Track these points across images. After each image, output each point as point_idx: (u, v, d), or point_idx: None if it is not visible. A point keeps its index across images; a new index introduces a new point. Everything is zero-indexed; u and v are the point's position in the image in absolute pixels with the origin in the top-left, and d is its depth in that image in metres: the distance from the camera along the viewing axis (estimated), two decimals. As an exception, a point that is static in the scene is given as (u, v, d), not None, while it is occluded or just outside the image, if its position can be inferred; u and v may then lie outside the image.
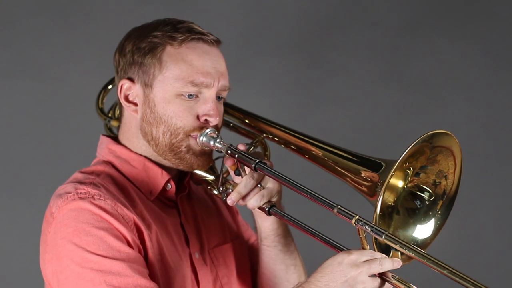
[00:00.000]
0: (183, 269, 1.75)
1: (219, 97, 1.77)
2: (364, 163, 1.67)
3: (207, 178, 1.85)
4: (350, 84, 3.60)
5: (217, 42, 1.79)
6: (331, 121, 3.55)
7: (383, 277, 1.55)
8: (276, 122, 1.90)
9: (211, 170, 1.86)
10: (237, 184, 1.74)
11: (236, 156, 1.71)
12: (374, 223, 1.55)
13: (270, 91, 3.54)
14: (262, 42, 3.54)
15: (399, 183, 1.66)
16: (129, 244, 1.63)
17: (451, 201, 1.67)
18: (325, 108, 3.58)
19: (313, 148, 1.80)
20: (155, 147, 1.76)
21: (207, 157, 1.78)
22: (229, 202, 1.73)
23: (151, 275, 1.66)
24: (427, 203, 1.67)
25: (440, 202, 1.67)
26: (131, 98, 1.78)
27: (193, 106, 1.73)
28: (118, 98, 1.79)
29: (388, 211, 1.66)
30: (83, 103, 2.43)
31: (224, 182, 1.81)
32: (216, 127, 1.76)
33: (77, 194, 1.65)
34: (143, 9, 3.33)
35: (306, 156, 1.82)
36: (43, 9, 3.30)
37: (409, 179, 1.66)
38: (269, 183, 1.73)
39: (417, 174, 1.66)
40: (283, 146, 1.88)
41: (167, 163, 1.78)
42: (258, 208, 1.73)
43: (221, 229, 1.91)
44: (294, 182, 1.64)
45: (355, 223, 1.55)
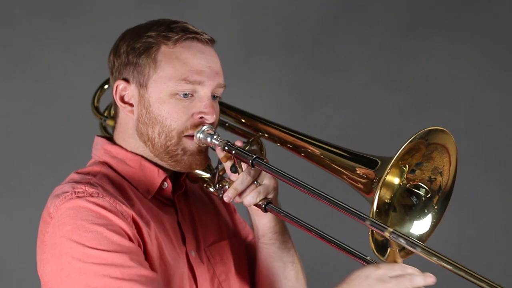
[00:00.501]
0: (181, 267, 1.75)
1: (214, 96, 1.77)
2: (360, 160, 1.67)
3: (203, 176, 1.86)
4: (350, 84, 3.59)
5: (211, 41, 1.79)
6: (331, 121, 3.55)
7: None
8: (272, 121, 1.90)
9: (207, 168, 1.86)
10: (233, 181, 1.73)
11: (234, 152, 1.70)
12: (372, 216, 1.53)
13: (269, 91, 3.54)
14: (261, 42, 3.54)
15: (395, 180, 1.66)
16: (129, 238, 1.63)
17: (447, 196, 1.67)
18: (325, 108, 3.58)
19: (309, 146, 1.79)
20: (151, 147, 1.76)
21: (204, 155, 1.77)
22: (225, 198, 1.73)
23: (151, 269, 1.66)
24: (423, 199, 1.67)
25: (436, 197, 1.67)
26: (126, 99, 1.78)
27: (188, 105, 1.73)
28: (114, 98, 1.79)
29: (385, 208, 1.66)
30: (82, 103, 2.43)
31: (220, 179, 1.81)
32: (213, 125, 1.75)
33: (74, 193, 1.65)
34: (142, 9, 3.34)
35: (302, 154, 1.81)
36: (43, 9, 3.31)
37: (405, 176, 1.66)
38: (266, 180, 1.73)
39: (412, 171, 1.66)
40: (279, 144, 1.88)
41: (164, 164, 1.78)
42: (254, 205, 1.72)
43: (218, 227, 1.91)
44: (292, 177, 1.63)
45: (390, 235, 1.50)
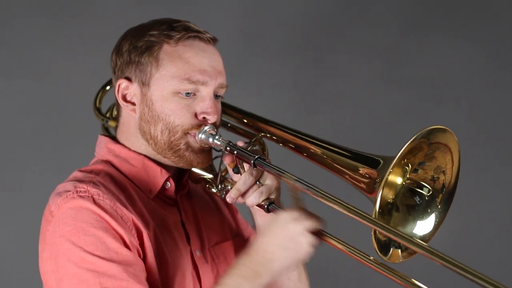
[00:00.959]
0: (184, 267, 1.75)
1: (216, 95, 1.77)
2: (362, 160, 1.67)
3: (205, 177, 1.86)
4: (350, 84, 3.59)
5: (213, 40, 1.79)
6: (331, 121, 3.55)
7: (320, 235, 1.60)
8: (274, 121, 1.90)
9: (209, 168, 1.86)
10: (236, 182, 1.73)
11: (235, 152, 1.70)
12: (374, 216, 1.55)
13: (270, 91, 3.54)
14: (262, 42, 3.54)
15: (397, 179, 1.66)
16: (126, 245, 1.63)
17: (450, 195, 1.67)
18: (325, 108, 3.58)
19: (311, 146, 1.79)
20: (154, 145, 1.76)
21: (206, 154, 1.77)
22: (228, 199, 1.73)
23: (150, 276, 1.66)
24: (426, 199, 1.67)
25: (440, 196, 1.67)
26: (128, 98, 1.77)
27: (190, 104, 1.73)
28: (116, 98, 1.79)
29: (388, 208, 1.66)
30: (83, 103, 2.43)
31: (222, 180, 1.81)
32: (215, 125, 1.75)
33: (76, 192, 1.65)
34: (143, 9, 3.34)
35: (305, 154, 1.81)
36: (43, 9, 3.30)
37: (408, 175, 1.66)
38: (268, 180, 1.73)
39: (415, 171, 1.66)
40: (281, 145, 1.88)
41: (166, 161, 1.77)
42: (257, 205, 1.72)
43: (221, 227, 1.91)
44: (294, 177, 1.63)
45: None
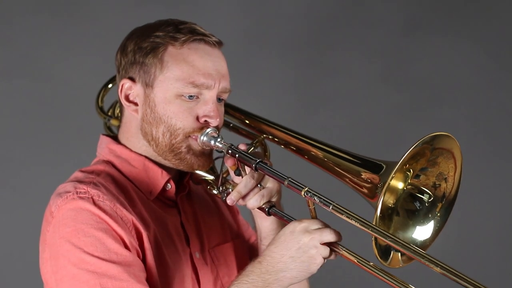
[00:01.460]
0: (183, 268, 1.75)
1: (219, 99, 1.77)
2: (364, 164, 1.67)
3: (206, 178, 1.85)
4: (350, 84, 3.59)
5: (219, 44, 1.79)
6: (331, 121, 3.55)
7: (332, 247, 1.59)
8: (276, 122, 1.90)
9: (211, 170, 1.86)
10: (237, 184, 1.73)
11: (237, 155, 1.70)
12: (374, 223, 1.54)
13: (270, 91, 3.54)
14: (262, 42, 3.54)
15: (399, 184, 1.66)
16: (126, 246, 1.63)
17: (450, 204, 1.67)
18: (325, 108, 3.58)
19: (313, 149, 1.79)
20: (155, 147, 1.76)
21: (207, 157, 1.77)
22: (228, 201, 1.73)
23: (149, 277, 1.66)
24: (426, 205, 1.67)
25: (440, 205, 1.67)
26: (131, 98, 1.77)
27: (193, 107, 1.73)
28: (119, 97, 1.79)
29: (388, 213, 1.66)
30: (83, 103, 2.43)
31: (224, 182, 1.81)
32: (217, 128, 1.75)
33: (76, 193, 1.65)
34: (143, 9, 3.33)
35: (306, 157, 1.81)
36: (43, 9, 3.30)
37: (409, 181, 1.66)
38: (269, 183, 1.73)
39: (417, 176, 1.65)
40: (283, 147, 1.88)
41: (167, 163, 1.77)
42: (257, 208, 1.73)
43: (222, 229, 1.91)
44: (292, 180, 1.63)
45: (304, 194, 1.59)
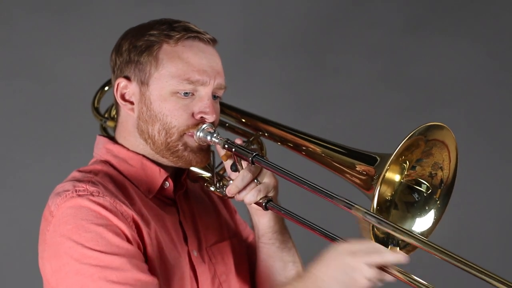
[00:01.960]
0: (182, 266, 1.75)
1: (215, 96, 1.77)
2: (359, 157, 1.67)
3: (203, 175, 1.86)
4: (350, 84, 3.60)
5: (213, 41, 1.79)
6: (331, 121, 3.55)
7: (383, 268, 1.53)
8: (272, 120, 1.90)
9: (207, 167, 1.86)
10: (234, 180, 1.73)
11: (234, 150, 1.71)
12: (372, 211, 1.54)
13: (269, 91, 3.54)
14: (262, 42, 3.54)
15: (395, 177, 1.66)
16: (128, 240, 1.63)
17: (449, 189, 1.67)
18: (325, 108, 3.58)
19: (309, 145, 1.80)
20: (152, 145, 1.76)
21: (204, 153, 1.77)
22: (228, 193, 1.74)
23: (150, 271, 1.66)
24: (424, 195, 1.67)
25: (438, 191, 1.67)
26: (127, 97, 1.78)
27: (188, 104, 1.73)
28: (115, 97, 1.79)
29: (386, 205, 1.66)
30: (83, 103, 2.43)
31: (220, 178, 1.82)
32: (213, 125, 1.75)
33: (75, 191, 1.65)
34: (142, 9, 3.34)
35: (303, 152, 1.82)
36: (43, 9, 3.31)
37: (406, 172, 1.66)
38: (266, 178, 1.73)
39: (413, 168, 1.66)
40: (279, 143, 1.88)
41: (165, 161, 1.78)
42: (255, 203, 1.73)
43: (219, 227, 1.91)
44: (292, 173, 1.64)
45: (356, 212, 1.54)
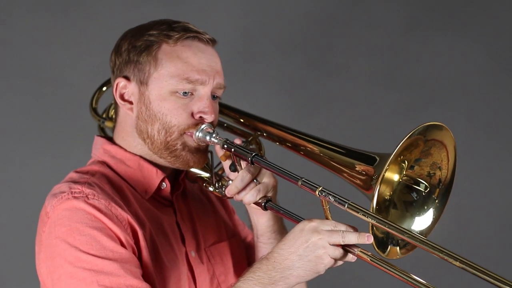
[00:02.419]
0: (179, 267, 1.75)
1: (214, 96, 1.77)
2: (358, 157, 1.67)
3: (202, 176, 1.86)
4: (350, 85, 3.60)
5: (212, 41, 1.80)
6: (331, 121, 3.55)
7: (346, 248, 1.55)
8: (270, 120, 1.90)
9: (206, 167, 1.86)
10: (233, 180, 1.73)
11: (233, 150, 1.70)
12: (372, 211, 1.54)
13: (269, 91, 3.54)
14: (262, 43, 3.54)
15: (394, 176, 1.66)
16: (122, 244, 1.63)
17: (447, 189, 1.67)
18: (325, 108, 3.58)
19: (308, 145, 1.80)
20: (150, 145, 1.76)
21: (202, 153, 1.77)
22: (227, 193, 1.73)
23: (145, 275, 1.66)
24: (423, 195, 1.67)
25: (437, 191, 1.67)
26: (126, 97, 1.78)
27: (187, 103, 1.73)
28: (114, 96, 1.79)
29: (385, 205, 1.66)
30: (82, 103, 2.43)
31: (219, 179, 1.82)
32: (212, 124, 1.75)
33: (71, 193, 1.65)
34: (142, 9, 3.34)
35: (302, 152, 1.82)
36: (43, 9, 3.31)
37: (404, 172, 1.66)
38: (265, 178, 1.73)
39: (411, 167, 1.66)
40: (278, 143, 1.88)
41: (162, 161, 1.78)
42: (254, 203, 1.73)
43: (217, 227, 1.91)
44: (290, 173, 1.63)
45: (319, 194, 1.57)
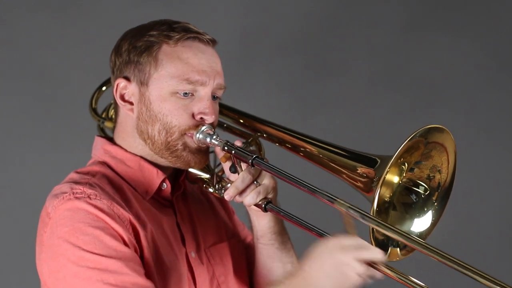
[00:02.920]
0: (180, 268, 1.75)
1: (214, 96, 1.77)
2: (359, 159, 1.67)
3: (202, 177, 1.86)
4: (349, 85, 3.60)
5: (212, 42, 1.79)
6: (331, 121, 3.55)
7: (372, 265, 1.53)
8: (270, 121, 1.90)
9: (206, 168, 1.86)
10: (233, 182, 1.73)
11: (233, 152, 1.70)
12: (372, 214, 1.54)
13: (269, 91, 3.54)
14: (261, 43, 3.54)
15: (394, 178, 1.66)
16: (125, 243, 1.63)
17: (446, 192, 1.68)
18: (325, 108, 3.58)
19: (308, 146, 1.80)
20: (151, 145, 1.76)
21: (203, 154, 1.77)
22: (226, 197, 1.73)
23: (147, 274, 1.65)
24: (422, 197, 1.68)
25: (436, 194, 1.67)
26: (127, 97, 1.78)
27: (188, 104, 1.73)
28: (114, 97, 1.79)
29: (385, 207, 1.66)
30: (82, 103, 2.43)
31: (219, 180, 1.82)
32: (212, 125, 1.75)
33: (73, 194, 1.65)
34: (142, 9, 3.34)
35: (302, 154, 1.82)
36: (43, 9, 3.31)
37: (404, 174, 1.66)
38: (265, 180, 1.73)
39: (411, 169, 1.67)
40: (277, 144, 1.88)
41: (163, 162, 1.77)
42: (254, 205, 1.73)
43: (217, 228, 1.91)
44: (291, 176, 1.63)
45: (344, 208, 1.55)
